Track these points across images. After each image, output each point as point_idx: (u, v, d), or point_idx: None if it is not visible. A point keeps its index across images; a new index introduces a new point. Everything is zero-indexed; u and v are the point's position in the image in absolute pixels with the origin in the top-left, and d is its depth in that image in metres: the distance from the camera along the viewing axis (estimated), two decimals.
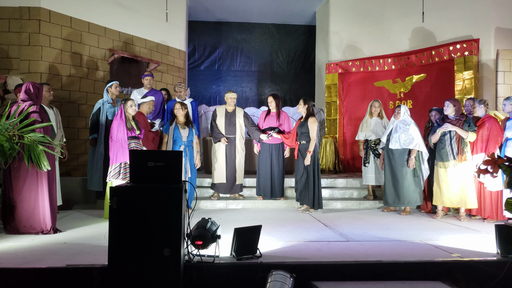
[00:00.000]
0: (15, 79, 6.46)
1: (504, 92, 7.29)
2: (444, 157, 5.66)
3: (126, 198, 3.05)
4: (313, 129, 6.03)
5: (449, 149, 5.62)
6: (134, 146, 5.53)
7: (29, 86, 4.63)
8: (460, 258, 3.69)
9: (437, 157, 5.79)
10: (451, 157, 5.60)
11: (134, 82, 8.43)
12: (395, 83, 9.09)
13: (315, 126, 6.06)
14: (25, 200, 4.45)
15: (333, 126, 9.67)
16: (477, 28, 7.70)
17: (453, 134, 5.60)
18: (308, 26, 12.70)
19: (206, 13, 11.94)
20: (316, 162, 6.11)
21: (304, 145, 6.09)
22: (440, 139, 5.72)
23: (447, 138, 5.65)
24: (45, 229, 4.50)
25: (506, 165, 3.83)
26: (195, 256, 3.36)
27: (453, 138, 5.60)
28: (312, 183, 6.02)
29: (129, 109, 5.59)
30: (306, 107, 6.14)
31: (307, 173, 6.03)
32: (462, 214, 5.67)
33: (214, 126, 6.66)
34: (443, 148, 5.68)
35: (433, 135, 5.77)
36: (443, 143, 5.68)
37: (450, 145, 5.61)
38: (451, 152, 5.60)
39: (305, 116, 6.18)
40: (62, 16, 7.25)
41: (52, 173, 4.62)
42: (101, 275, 3.22)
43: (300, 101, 6.22)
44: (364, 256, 3.75)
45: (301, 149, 6.13)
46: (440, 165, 5.73)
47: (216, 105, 8.60)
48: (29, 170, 4.38)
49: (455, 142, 5.59)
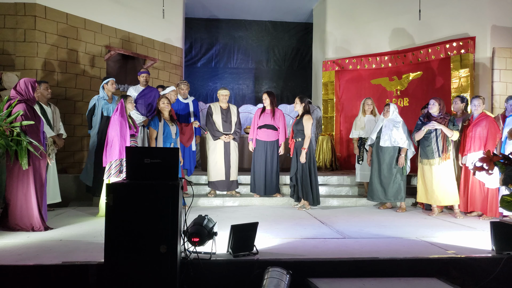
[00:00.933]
0: (10, 75, 6.43)
1: (500, 90, 7.32)
2: (430, 154, 5.75)
3: (123, 195, 3.04)
4: (307, 126, 6.06)
5: (434, 147, 5.71)
6: (133, 144, 5.53)
7: (18, 82, 4.59)
8: (455, 254, 3.71)
9: (421, 154, 5.88)
10: (436, 155, 5.70)
11: (131, 79, 8.41)
12: (391, 81, 9.10)
13: (310, 123, 6.10)
14: (17, 197, 4.43)
15: (330, 124, 9.69)
16: (473, 26, 7.72)
17: (438, 132, 5.70)
18: (305, 24, 12.69)
19: (203, 10, 11.92)
20: (312, 159, 6.13)
21: (299, 143, 6.11)
22: (425, 137, 5.80)
23: (433, 136, 5.73)
24: (35, 227, 4.47)
25: (501, 163, 3.84)
26: (192, 253, 3.36)
27: (439, 136, 5.69)
28: (309, 179, 6.05)
29: (128, 105, 5.57)
30: (302, 105, 6.16)
31: (302, 170, 6.05)
32: (456, 211, 5.71)
33: (212, 123, 6.64)
34: (428, 146, 5.76)
35: (418, 132, 5.83)
36: (428, 140, 5.77)
37: (436, 143, 5.70)
38: (437, 150, 5.69)
39: (301, 114, 6.19)
40: (58, 12, 7.21)
41: (41, 171, 4.60)
42: (98, 272, 3.21)
43: (296, 100, 6.23)
44: (360, 253, 3.76)
45: (297, 147, 6.16)
46: (425, 162, 5.82)
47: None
48: (21, 167, 4.36)
49: (441, 140, 5.68)
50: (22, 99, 4.50)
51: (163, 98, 6.09)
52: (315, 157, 6.37)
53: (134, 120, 5.80)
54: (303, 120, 6.08)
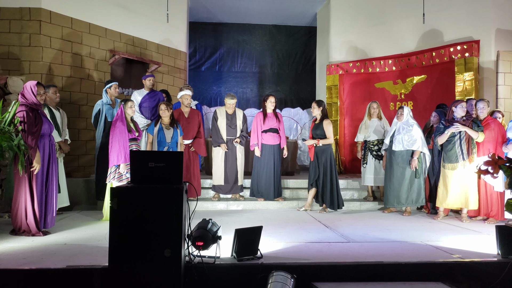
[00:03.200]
0: (15, 80, 6.46)
1: (505, 94, 7.29)
2: (453, 158, 5.56)
3: (127, 199, 3.05)
4: (329, 130, 6.19)
5: (458, 150, 5.53)
6: (134, 148, 5.54)
7: (24, 86, 4.55)
8: (460, 259, 3.69)
9: (444, 158, 5.70)
10: (461, 158, 5.52)
11: (135, 83, 8.43)
12: (395, 84, 9.09)
13: (331, 127, 6.25)
14: (16, 201, 4.45)
15: (334, 128, 9.65)
16: (478, 30, 7.70)
17: (462, 134, 5.52)
18: (309, 28, 12.71)
19: (207, 14, 11.95)
20: (333, 163, 6.23)
21: (320, 147, 6.15)
22: (448, 140, 5.62)
23: (457, 139, 5.55)
24: (31, 232, 4.45)
25: (506, 166, 3.82)
26: (196, 257, 3.36)
27: (463, 139, 5.51)
28: (335, 183, 6.16)
29: (128, 110, 5.57)
30: (320, 109, 6.25)
31: (326, 174, 6.15)
32: (464, 215, 5.65)
33: (216, 129, 6.65)
34: (451, 150, 5.58)
35: (441, 136, 5.64)
36: (451, 144, 5.59)
37: (460, 146, 5.52)
38: (461, 153, 5.52)
39: (320, 118, 6.25)
40: (62, 17, 7.25)
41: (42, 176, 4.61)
42: (102, 276, 3.22)
43: (313, 105, 6.32)
44: (365, 257, 3.74)
45: (317, 151, 6.18)
46: (448, 167, 5.64)
47: (217, 106, 8.60)
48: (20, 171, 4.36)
49: (465, 143, 5.51)
50: (26, 103, 4.51)
51: (161, 104, 6.09)
52: (335, 161, 6.38)
53: (137, 124, 5.81)
54: (324, 125, 6.18)
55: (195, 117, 6.59)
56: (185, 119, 6.48)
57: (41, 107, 4.73)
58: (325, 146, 6.19)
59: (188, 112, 6.57)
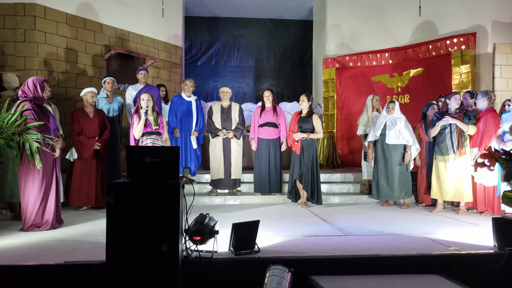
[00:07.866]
0: (10, 76, 6.43)
1: (501, 86, 7.31)
2: (444, 151, 5.62)
3: (124, 194, 3.04)
4: (319, 124, 6.16)
5: (449, 142, 5.57)
6: (150, 142, 5.36)
7: (27, 82, 4.57)
8: (457, 251, 3.70)
9: (436, 151, 5.76)
10: (451, 151, 5.56)
11: (131, 78, 8.40)
12: (392, 78, 9.09)
13: (320, 122, 6.24)
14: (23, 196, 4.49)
15: (331, 121, 9.68)
16: (474, 22, 7.70)
17: (453, 127, 5.55)
18: (305, 21, 12.68)
19: (202, 9, 11.91)
20: (317, 157, 6.19)
21: (307, 141, 6.12)
22: (439, 132, 5.68)
23: (447, 131, 5.59)
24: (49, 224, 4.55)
25: (503, 158, 3.83)
26: (193, 252, 3.36)
27: (453, 132, 5.54)
28: (316, 179, 6.12)
29: (141, 102, 5.41)
30: (309, 103, 6.21)
31: (309, 169, 6.09)
32: (462, 208, 5.67)
33: (210, 123, 6.64)
34: (442, 142, 5.64)
35: (432, 129, 5.72)
36: (442, 136, 5.64)
37: (450, 139, 5.56)
38: (451, 145, 5.55)
39: (307, 112, 6.20)
40: (57, 12, 7.21)
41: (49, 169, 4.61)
42: (99, 271, 3.22)
43: (303, 97, 6.24)
44: (362, 250, 3.75)
45: (303, 145, 6.14)
46: (439, 159, 5.69)
47: (213, 101, 8.57)
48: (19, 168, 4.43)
49: (456, 136, 5.53)
50: (28, 99, 4.50)
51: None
52: (318, 155, 6.37)
53: (160, 116, 5.58)
54: (314, 120, 6.14)
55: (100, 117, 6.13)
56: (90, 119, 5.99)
57: (44, 102, 4.74)
58: (313, 140, 6.16)
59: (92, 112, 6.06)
